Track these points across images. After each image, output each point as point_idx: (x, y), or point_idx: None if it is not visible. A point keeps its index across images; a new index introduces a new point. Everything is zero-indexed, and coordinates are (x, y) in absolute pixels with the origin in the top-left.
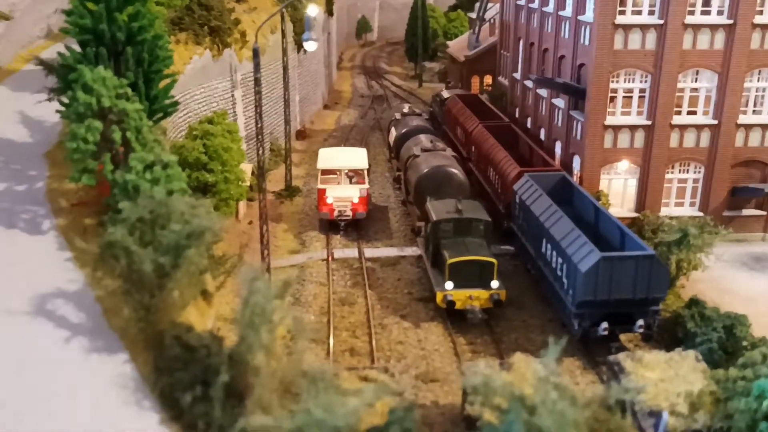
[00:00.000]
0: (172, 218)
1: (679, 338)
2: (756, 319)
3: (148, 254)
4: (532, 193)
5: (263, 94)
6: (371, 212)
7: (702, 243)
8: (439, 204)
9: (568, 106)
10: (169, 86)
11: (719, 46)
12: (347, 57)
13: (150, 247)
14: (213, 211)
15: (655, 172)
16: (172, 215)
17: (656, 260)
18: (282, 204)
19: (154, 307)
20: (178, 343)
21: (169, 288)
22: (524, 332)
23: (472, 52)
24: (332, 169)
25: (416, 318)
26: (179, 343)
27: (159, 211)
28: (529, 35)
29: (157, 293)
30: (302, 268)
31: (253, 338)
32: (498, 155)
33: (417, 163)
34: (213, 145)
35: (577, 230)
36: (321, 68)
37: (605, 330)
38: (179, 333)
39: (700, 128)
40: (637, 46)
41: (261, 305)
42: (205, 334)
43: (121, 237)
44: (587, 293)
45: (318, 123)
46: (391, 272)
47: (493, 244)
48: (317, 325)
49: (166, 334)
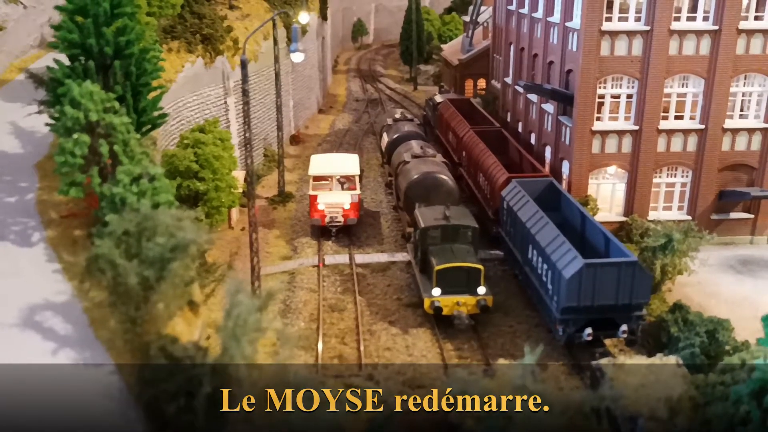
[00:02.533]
0: (157, 231)
1: (663, 343)
2: (740, 323)
3: (134, 267)
4: (520, 199)
5: (257, 100)
6: (363, 218)
7: (687, 248)
8: (428, 211)
9: (556, 111)
10: (157, 98)
11: (705, 52)
12: (343, 60)
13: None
14: (200, 222)
15: (643, 176)
16: (157, 228)
17: (639, 266)
18: (275, 210)
19: (139, 319)
20: (163, 354)
21: (153, 300)
22: (511, 338)
23: (465, 56)
24: (324, 176)
25: (405, 324)
26: (164, 355)
27: (145, 224)
28: (519, 40)
29: (143, 306)
30: (293, 275)
31: (235, 350)
32: (487, 161)
33: (407, 170)
34: (204, 154)
35: (562, 237)
36: (315, 73)
37: (589, 335)
38: (164, 344)
39: (687, 133)
40: (624, 53)
41: (243, 317)
42: (190, 345)
43: (107, 250)
44: (571, 299)
45: (312, 127)
46: (381, 278)
47: (483, 249)
48: (306, 332)
49: (152, 346)
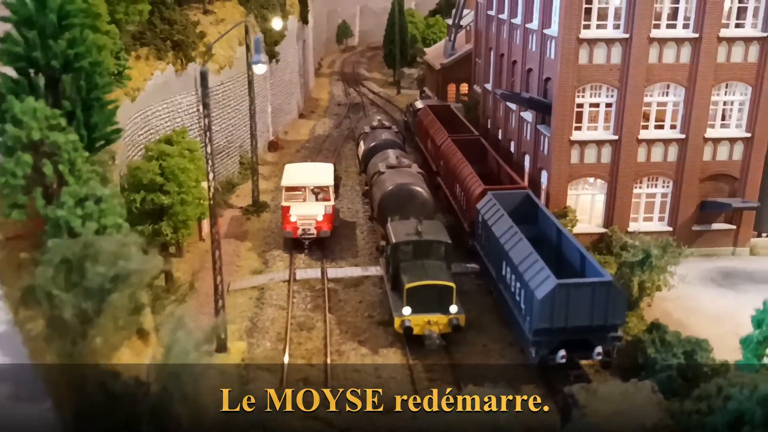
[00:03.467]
0: (98, 259)
1: (640, 364)
2: (720, 340)
3: (70, 299)
4: (495, 212)
5: (232, 107)
6: (338, 229)
7: (665, 264)
8: (400, 225)
9: (535, 120)
10: (110, 113)
11: (685, 60)
12: (327, 63)
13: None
14: (157, 241)
15: (623, 187)
16: (98, 256)
17: (613, 286)
18: (248, 220)
19: (77, 354)
20: (101, 390)
21: (91, 335)
22: (484, 358)
23: (447, 60)
24: (297, 186)
25: (375, 343)
26: (103, 391)
27: (86, 252)
28: (499, 46)
29: (80, 340)
30: (262, 290)
31: (174, 388)
32: (464, 171)
33: (381, 180)
34: (169, 166)
35: (535, 254)
36: (296, 77)
37: (563, 358)
38: (104, 379)
39: (668, 143)
40: (603, 61)
41: (182, 356)
42: (131, 381)
43: (43, 280)
44: (543, 321)
45: (292, 133)
46: (353, 294)
47: (459, 263)
48: (273, 353)
49: (89, 381)
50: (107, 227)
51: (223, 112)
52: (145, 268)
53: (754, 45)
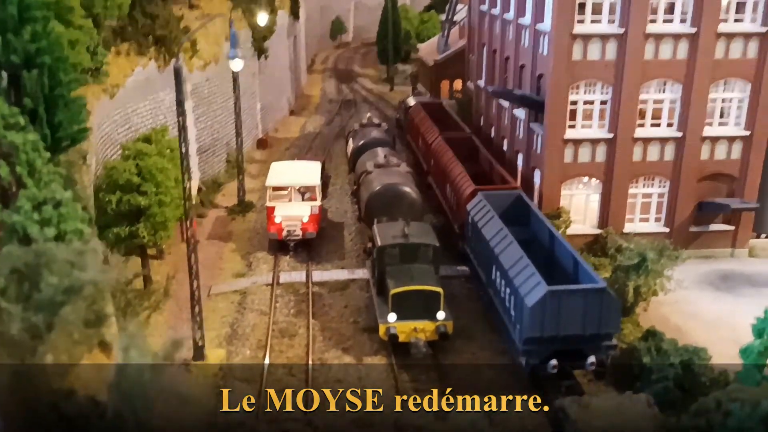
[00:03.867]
0: (52, 269)
1: (635, 374)
2: (718, 346)
3: (19, 312)
4: (485, 214)
5: (219, 104)
6: (325, 230)
7: (661, 268)
8: (386, 227)
9: (528, 117)
10: (76, 111)
11: (682, 56)
12: (320, 59)
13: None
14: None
15: (618, 187)
16: (52, 265)
17: (607, 293)
18: (233, 220)
19: (26, 374)
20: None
21: (41, 351)
22: (473, 367)
23: (441, 56)
24: (282, 186)
25: (359, 351)
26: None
27: (38, 261)
28: (492, 42)
29: (29, 357)
30: (244, 295)
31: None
32: (454, 170)
33: (369, 180)
34: (146, 166)
35: (526, 259)
36: (287, 74)
37: (554, 368)
38: (56, 400)
39: (664, 141)
40: (597, 57)
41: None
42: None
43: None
44: (534, 329)
45: (282, 131)
46: (338, 298)
47: (449, 265)
48: (252, 361)
49: (41, 402)
50: (67, 233)
51: (209, 109)
52: (103, 278)
53: (753, 40)
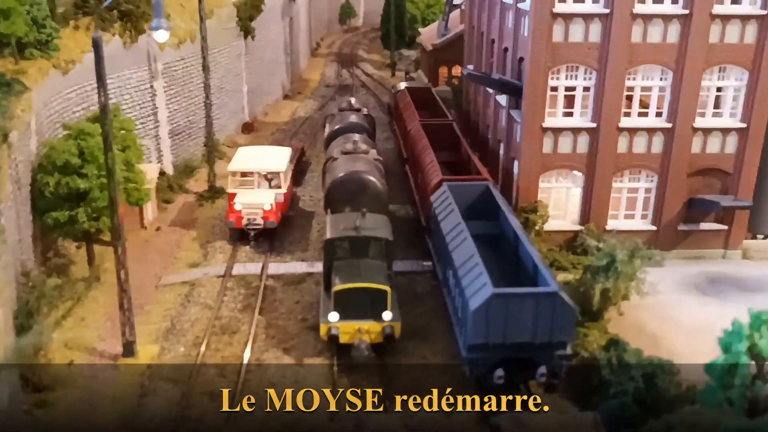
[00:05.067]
0: None
1: (594, 386)
2: (696, 357)
3: None
4: (446, 206)
5: (195, 85)
6: (293, 219)
7: (633, 270)
8: (339, 218)
9: (509, 104)
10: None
11: (673, 40)
12: (326, 43)
13: None
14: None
15: (601, 180)
16: None
17: (560, 298)
18: (201, 206)
19: None
20: None
21: None
22: (421, 373)
23: (439, 41)
24: (245, 171)
25: (302, 352)
26: None
27: None
28: (480, 24)
29: None
30: (193, 286)
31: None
32: (426, 159)
33: (333, 167)
34: (88, 147)
35: (477, 257)
36: (280, 56)
37: (500, 378)
38: None
39: (652, 132)
40: (580, 39)
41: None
42: None
43: None
44: (478, 336)
45: (272, 115)
46: (292, 293)
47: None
48: (184, 359)
49: None
50: None
51: (184, 89)
52: None
53: (751, 24)
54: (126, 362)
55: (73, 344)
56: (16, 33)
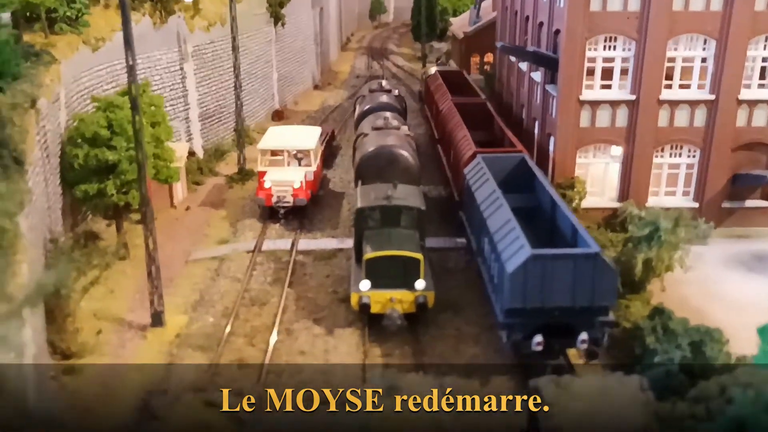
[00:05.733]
0: None
1: (637, 356)
2: (743, 332)
3: None
4: (481, 177)
5: (225, 69)
6: (323, 198)
7: (677, 239)
8: (370, 189)
9: (544, 80)
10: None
11: (717, 8)
12: (357, 38)
13: None
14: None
15: (641, 155)
16: None
17: (600, 260)
18: (231, 188)
19: None
20: None
21: None
22: (454, 343)
23: (471, 29)
24: (275, 150)
25: (332, 322)
26: None
27: None
28: (514, 3)
29: None
30: (222, 261)
31: None
32: (458, 134)
33: (363, 143)
34: (117, 119)
35: (514, 221)
36: (310, 45)
37: (539, 344)
38: None
39: (695, 105)
40: (619, 8)
41: None
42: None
43: None
44: (516, 299)
45: (303, 104)
46: (322, 267)
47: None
48: (213, 329)
49: None
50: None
51: (214, 73)
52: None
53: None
54: (154, 332)
55: (102, 315)
56: (45, 3)
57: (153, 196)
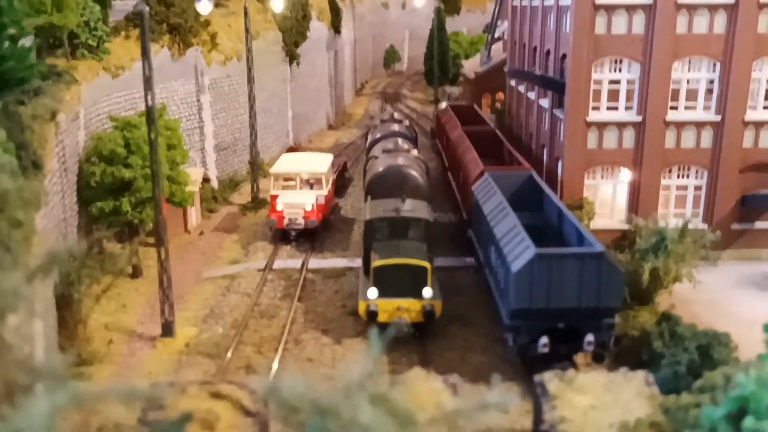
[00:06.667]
0: None
1: (644, 361)
2: (752, 347)
3: None
4: (488, 192)
5: (241, 104)
6: (334, 224)
7: (684, 250)
8: (379, 203)
9: (551, 105)
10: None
11: (720, 30)
12: (370, 85)
13: None
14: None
15: (649, 177)
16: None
17: (606, 259)
18: (244, 216)
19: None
20: None
21: None
22: (462, 352)
23: (482, 69)
24: (286, 174)
25: (340, 333)
26: None
27: None
28: (522, 36)
29: None
30: (233, 279)
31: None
32: (467, 157)
33: (374, 164)
34: (134, 138)
35: (519, 227)
36: (325, 87)
37: (545, 347)
38: None
39: (701, 126)
40: (623, 30)
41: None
42: None
43: None
44: (521, 300)
45: (317, 142)
46: (331, 284)
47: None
48: (222, 339)
49: None
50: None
51: (230, 106)
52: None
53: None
54: (164, 342)
55: (113, 327)
56: (68, 26)
57: (167, 220)
